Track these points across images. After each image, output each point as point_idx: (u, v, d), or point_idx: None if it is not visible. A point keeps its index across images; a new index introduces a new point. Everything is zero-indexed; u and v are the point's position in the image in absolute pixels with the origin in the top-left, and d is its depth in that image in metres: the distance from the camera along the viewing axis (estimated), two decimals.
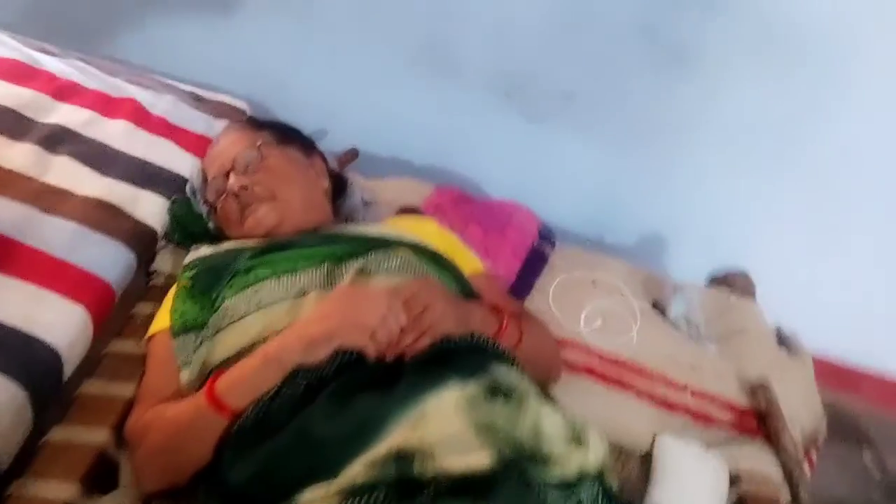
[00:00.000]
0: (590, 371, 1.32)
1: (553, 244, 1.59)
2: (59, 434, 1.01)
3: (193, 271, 1.14)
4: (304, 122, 1.98)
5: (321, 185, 1.31)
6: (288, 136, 1.32)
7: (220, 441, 0.92)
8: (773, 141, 1.81)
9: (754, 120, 1.78)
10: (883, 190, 1.87)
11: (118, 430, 1.04)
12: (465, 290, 1.17)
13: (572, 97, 1.91)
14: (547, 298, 1.46)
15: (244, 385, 0.93)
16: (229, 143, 1.28)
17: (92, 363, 1.13)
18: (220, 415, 0.92)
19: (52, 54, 1.64)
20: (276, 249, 1.14)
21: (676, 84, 1.77)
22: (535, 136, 1.97)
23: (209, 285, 1.11)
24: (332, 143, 1.99)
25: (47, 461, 0.97)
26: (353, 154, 1.68)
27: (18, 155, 1.32)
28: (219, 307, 1.07)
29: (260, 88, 1.97)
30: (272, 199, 1.20)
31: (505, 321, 1.09)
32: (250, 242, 1.20)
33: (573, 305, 1.46)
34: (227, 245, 1.21)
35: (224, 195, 1.22)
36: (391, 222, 1.34)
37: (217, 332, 1.05)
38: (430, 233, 1.27)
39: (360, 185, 1.56)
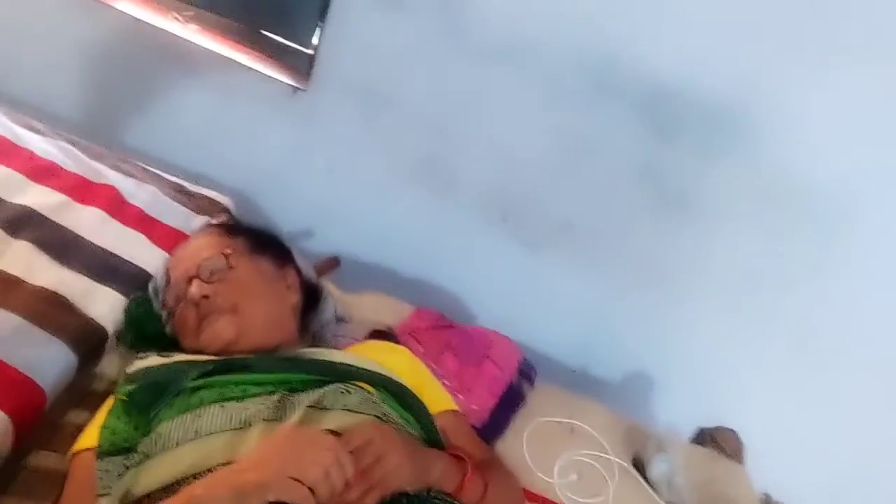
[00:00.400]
0: None
1: (532, 382, 1.50)
2: None
3: (133, 385, 1.03)
4: (292, 220, 1.97)
5: (289, 300, 1.23)
6: (262, 245, 1.26)
7: None
8: (770, 294, 1.76)
9: (751, 271, 1.74)
10: (877, 353, 1.80)
11: None
12: (430, 432, 1.08)
13: (570, 227, 1.87)
14: (521, 442, 1.36)
15: None
16: (198, 246, 1.21)
17: (5, 477, 1.01)
18: None
19: (40, 133, 1.59)
20: (228, 370, 1.04)
21: (675, 227, 1.73)
22: (529, 262, 1.92)
23: (148, 403, 1.00)
24: (316, 247, 1.96)
25: None
26: (333, 262, 1.61)
27: None
28: (152, 430, 0.96)
29: (254, 181, 1.95)
30: (233, 312, 1.12)
31: (468, 474, 0.99)
32: (202, 357, 1.11)
33: (548, 454, 1.35)
34: (176, 357, 1.11)
35: (183, 302, 1.14)
36: (360, 348, 1.25)
37: (146, 458, 0.94)
38: (400, 364, 1.18)
39: (336, 298, 1.48)
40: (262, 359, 1.08)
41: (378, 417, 1.01)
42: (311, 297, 1.35)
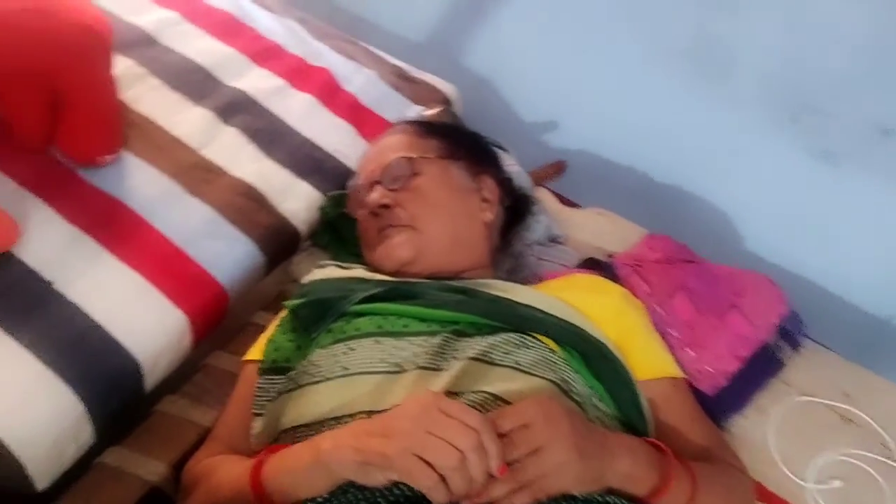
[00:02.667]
0: None
1: (796, 345, 1.13)
2: (113, 457, 0.89)
3: (302, 299, 0.94)
4: (526, 109, 1.73)
5: (481, 217, 1.03)
6: (458, 148, 1.06)
7: None
8: None
9: None
10: None
11: (180, 466, 0.89)
12: (626, 410, 0.85)
13: (887, 133, 1.37)
14: (767, 426, 1.04)
15: (288, 481, 0.72)
16: (387, 146, 1.06)
17: (183, 375, 1.01)
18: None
19: (270, 10, 1.54)
20: (394, 297, 0.90)
21: None
22: (824, 176, 1.46)
23: (311, 322, 0.91)
24: (550, 142, 1.72)
25: (87, 490, 0.86)
26: (557, 167, 1.36)
27: (189, 121, 1.23)
28: (307, 355, 0.86)
29: (488, 61, 1.73)
30: (412, 227, 0.97)
31: (671, 479, 0.74)
32: (376, 276, 0.98)
33: (804, 447, 1.02)
34: (352, 272, 1.00)
35: (364, 209, 1.01)
36: (560, 283, 1.01)
37: (296, 387, 0.85)
38: (606, 309, 0.94)
39: (552, 212, 1.25)
40: (434, 288, 0.91)
41: (555, 384, 0.79)
42: (518, 210, 1.14)
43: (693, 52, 1.49)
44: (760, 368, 1.09)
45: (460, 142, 1.08)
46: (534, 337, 0.84)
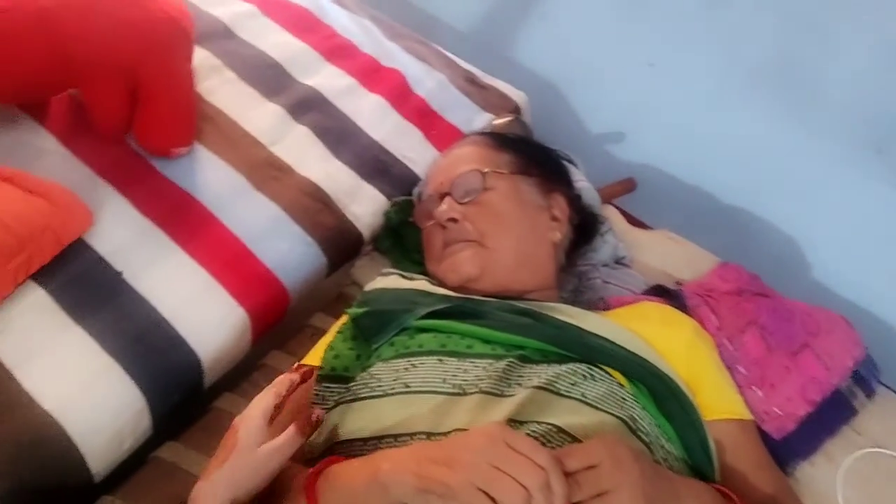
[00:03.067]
0: None
1: (871, 392, 1.08)
2: (169, 453, 0.90)
3: (364, 308, 0.93)
4: (597, 121, 1.69)
5: (550, 237, 1.01)
6: (531, 164, 1.04)
7: None
8: None
9: None
10: None
11: None
12: (695, 454, 0.81)
13: None
14: (835, 476, 0.99)
15: (344, 497, 0.70)
16: (457, 158, 1.04)
17: (240, 373, 1.01)
18: None
19: (345, 6, 1.53)
20: (459, 315, 0.88)
21: None
22: None
23: (373, 333, 0.89)
24: (620, 155, 1.67)
25: (143, 484, 0.86)
26: (626, 186, 1.32)
27: (262, 116, 1.23)
28: (367, 367, 0.85)
29: (561, 71, 1.70)
30: (480, 243, 0.95)
31: None
32: (440, 290, 0.96)
33: (873, 500, 0.97)
34: (416, 283, 0.98)
35: (432, 221, 0.99)
36: (629, 312, 0.98)
37: (355, 399, 0.83)
38: (677, 343, 0.90)
39: (619, 232, 1.22)
40: (500, 310, 0.89)
41: (622, 421, 0.76)
42: (586, 229, 1.11)
43: (777, 73, 1.43)
44: (831, 414, 1.04)
45: (533, 157, 1.06)
46: (602, 369, 0.81)
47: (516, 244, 0.96)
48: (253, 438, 0.73)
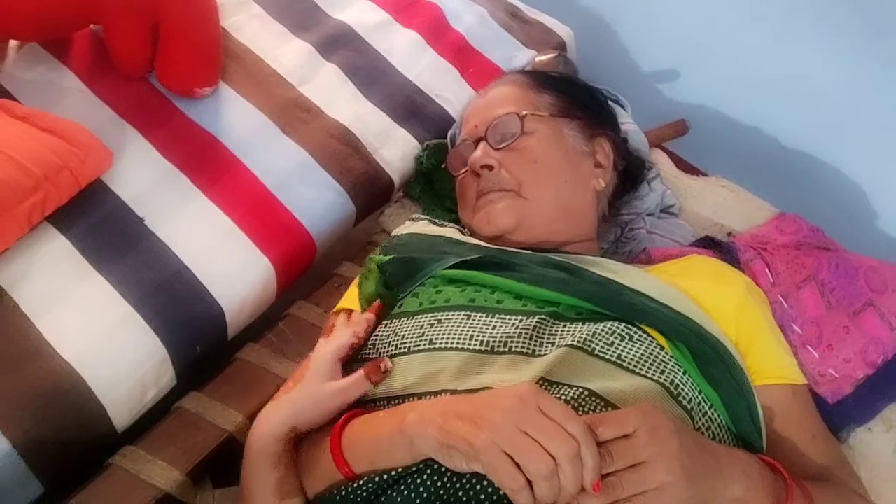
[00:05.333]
0: None
1: None
2: (192, 403, 0.88)
3: (391, 255, 0.88)
4: (650, 58, 1.58)
5: (593, 185, 0.94)
6: (574, 105, 0.96)
7: (325, 492, 0.70)
8: None
9: None
10: None
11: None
12: (741, 423, 0.75)
13: None
14: (893, 443, 0.92)
15: (369, 448, 0.68)
16: (494, 99, 0.97)
17: (266, 322, 0.98)
18: (338, 468, 0.69)
19: None
20: (491, 266, 0.82)
21: None
22: None
23: (399, 280, 0.85)
24: (676, 96, 1.57)
25: (166, 434, 0.85)
26: (678, 128, 1.22)
27: (290, 54, 1.18)
28: (391, 322, 0.81)
29: (611, 6, 1.58)
30: (517, 193, 0.89)
31: (786, 501, 0.65)
32: (472, 240, 0.91)
33: None
34: (447, 230, 0.93)
35: (466, 168, 0.93)
36: (675, 266, 0.91)
37: (377, 356, 0.80)
38: (728, 304, 0.83)
39: (669, 178, 1.13)
40: (534, 262, 0.83)
41: (662, 386, 0.70)
42: (631, 175, 1.03)
43: (848, 2, 1.29)
44: (894, 378, 0.97)
45: (576, 98, 0.98)
46: (642, 329, 0.75)
47: (556, 194, 0.89)
48: (321, 373, 0.75)
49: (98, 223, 0.92)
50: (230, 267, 0.93)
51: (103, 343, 0.83)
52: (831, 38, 1.33)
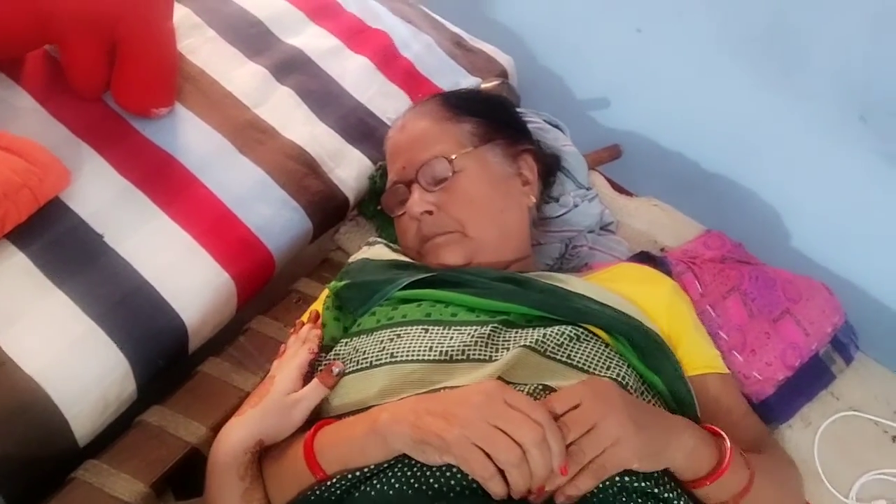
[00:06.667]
0: None
1: (849, 358, 1.10)
2: (155, 416, 0.89)
3: (346, 281, 0.92)
4: (583, 87, 1.68)
5: (524, 203, 0.99)
6: (492, 127, 1.00)
7: (297, 497, 0.73)
8: None
9: None
10: None
11: (219, 429, 0.89)
12: (683, 404, 0.82)
13: None
14: (812, 439, 1.02)
15: (342, 450, 0.72)
16: (417, 136, 0.98)
17: (226, 337, 1.00)
18: (311, 472, 0.72)
19: None
20: (443, 283, 0.87)
21: None
22: (887, 181, 1.41)
23: (355, 304, 0.89)
24: (607, 122, 1.67)
25: (129, 448, 0.86)
26: (612, 152, 1.32)
27: (245, 76, 1.21)
28: (350, 340, 0.85)
29: (549, 38, 1.68)
30: (462, 233, 0.93)
31: (727, 458, 0.72)
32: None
33: (850, 463, 1.00)
34: (400, 255, 0.97)
35: (403, 211, 0.97)
36: (609, 273, 0.98)
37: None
38: (657, 300, 0.91)
39: (606, 199, 1.22)
40: (484, 277, 0.88)
41: (612, 381, 0.76)
42: (550, 171, 1.10)
43: (766, 41, 1.42)
44: (810, 379, 1.06)
45: (493, 118, 1.01)
46: (588, 330, 0.82)
47: (497, 225, 0.94)
48: (284, 386, 0.78)
49: (57, 240, 0.92)
50: (192, 282, 0.95)
51: (66, 357, 0.84)
52: (747, 73, 1.45)
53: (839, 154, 1.43)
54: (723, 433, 0.75)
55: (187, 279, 0.95)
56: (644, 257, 1.10)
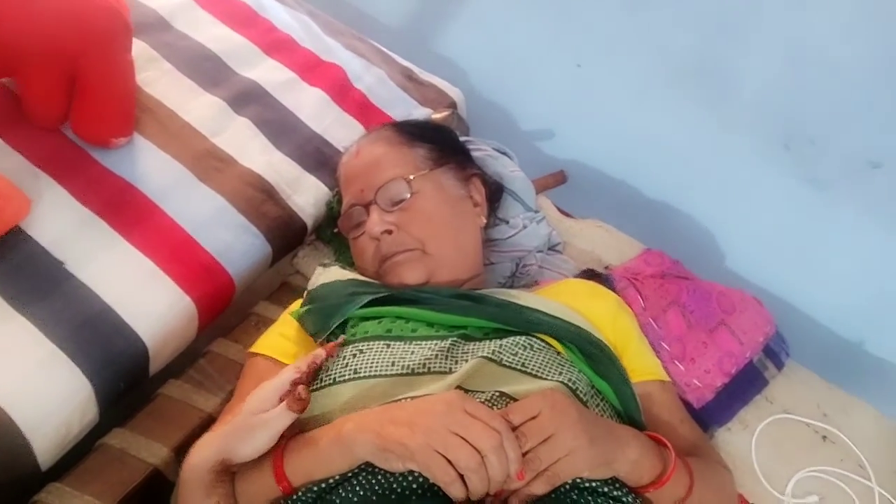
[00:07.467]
0: None
1: (780, 364, 1.18)
2: (116, 439, 0.90)
3: (307, 307, 0.95)
4: (529, 118, 1.76)
5: (477, 223, 1.05)
6: (444, 152, 1.05)
7: None
8: None
9: None
10: None
11: (181, 450, 0.90)
12: (629, 409, 0.88)
13: (875, 167, 1.43)
14: (749, 440, 1.09)
15: (308, 460, 0.74)
16: (373, 160, 1.02)
17: (186, 359, 1.02)
18: (277, 483, 0.74)
19: (283, 2, 1.54)
20: (402, 301, 0.91)
21: None
22: (811, 203, 1.52)
23: (317, 327, 0.92)
24: (551, 151, 1.75)
25: (91, 470, 0.87)
26: (557, 178, 1.39)
27: (202, 108, 1.24)
28: None
29: (493, 70, 1.76)
30: (421, 251, 0.96)
31: (671, 466, 0.77)
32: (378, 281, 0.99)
33: (784, 462, 1.07)
34: (355, 274, 1.01)
35: (361, 232, 1.00)
36: (556, 288, 1.04)
37: None
38: (602, 312, 0.97)
39: (553, 220, 1.28)
40: (441, 294, 0.93)
41: (563, 385, 0.82)
42: (496, 196, 1.15)
43: (695, 73, 1.53)
44: (745, 385, 1.14)
45: (444, 144, 1.07)
46: (540, 339, 0.87)
47: (454, 243, 0.99)
48: (253, 406, 0.76)
49: (17, 267, 0.93)
50: (153, 306, 0.97)
51: (29, 381, 0.84)
52: (680, 105, 1.56)
53: (766, 179, 1.54)
54: (668, 443, 0.80)
55: (149, 303, 0.97)
56: (590, 274, 1.17)
